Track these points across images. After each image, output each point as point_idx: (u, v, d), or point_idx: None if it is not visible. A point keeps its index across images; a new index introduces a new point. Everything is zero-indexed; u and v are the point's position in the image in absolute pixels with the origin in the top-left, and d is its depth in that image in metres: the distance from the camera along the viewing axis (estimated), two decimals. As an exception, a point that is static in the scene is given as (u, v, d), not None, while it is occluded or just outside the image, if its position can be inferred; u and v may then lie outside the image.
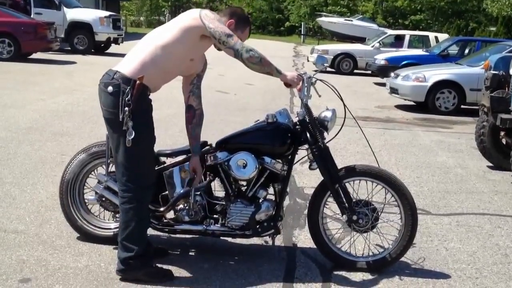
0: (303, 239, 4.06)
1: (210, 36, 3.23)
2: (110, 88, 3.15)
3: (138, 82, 3.12)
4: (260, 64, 3.25)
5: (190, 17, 3.27)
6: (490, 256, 3.98)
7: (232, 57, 3.27)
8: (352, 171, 3.60)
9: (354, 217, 3.52)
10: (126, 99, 3.11)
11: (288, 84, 3.47)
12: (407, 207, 3.54)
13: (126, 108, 3.10)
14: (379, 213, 3.59)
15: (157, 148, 3.68)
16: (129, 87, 3.12)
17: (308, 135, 3.51)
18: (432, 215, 4.81)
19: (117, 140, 3.21)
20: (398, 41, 18.92)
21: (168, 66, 3.30)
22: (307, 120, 3.51)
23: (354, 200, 3.56)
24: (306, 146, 3.57)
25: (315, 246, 3.69)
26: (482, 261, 3.88)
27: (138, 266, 3.25)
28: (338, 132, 3.68)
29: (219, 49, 3.38)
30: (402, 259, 3.74)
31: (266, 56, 3.31)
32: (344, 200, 3.53)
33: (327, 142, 3.56)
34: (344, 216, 3.55)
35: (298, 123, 3.56)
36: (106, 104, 3.20)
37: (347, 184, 3.58)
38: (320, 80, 3.58)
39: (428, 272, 3.63)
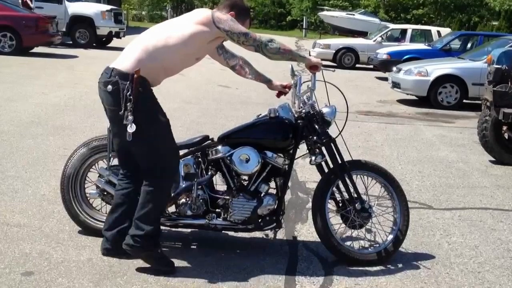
0: (305, 233, 4.07)
1: (228, 38, 3.29)
2: (109, 87, 3.17)
3: (135, 76, 3.12)
4: (280, 53, 3.32)
5: (200, 22, 3.24)
6: (492, 251, 3.98)
7: (254, 52, 3.34)
8: (357, 164, 3.70)
9: (366, 205, 3.60)
10: (128, 94, 3.12)
11: (279, 93, 3.86)
12: (401, 198, 3.67)
13: (128, 104, 3.11)
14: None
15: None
16: (128, 82, 3.12)
17: (316, 126, 3.53)
18: (434, 209, 4.81)
19: (132, 135, 3.18)
20: (400, 36, 18.88)
21: (170, 65, 3.32)
22: (315, 112, 3.54)
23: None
24: (308, 140, 3.58)
25: (317, 240, 3.70)
26: (484, 256, 3.88)
27: (143, 246, 3.27)
28: (343, 128, 3.68)
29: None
30: (404, 252, 3.77)
31: (285, 44, 3.36)
32: (353, 189, 3.59)
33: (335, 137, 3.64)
34: (357, 205, 3.58)
35: (303, 115, 3.57)
36: (109, 103, 3.23)
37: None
38: (325, 69, 3.59)
39: (430, 266, 3.64)
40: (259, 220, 3.55)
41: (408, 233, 3.78)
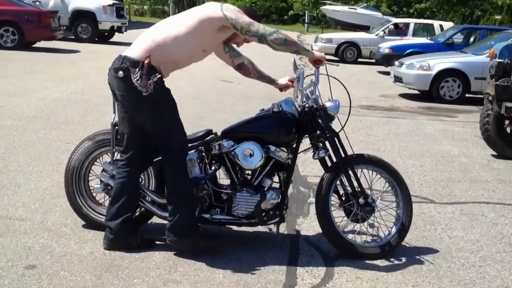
0: (307, 227, 4.07)
1: (232, 28, 3.29)
2: (120, 73, 3.25)
3: (146, 62, 3.20)
4: (286, 44, 3.33)
5: (209, 10, 3.31)
6: (493, 245, 3.98)
7: (258, 43, 3.36)
8: (361, 159, 3.72)
9: (369, 200, 3.61)
10: (136, 79, 3.20)
11: (281, 88, 3.92)
12: (405, 192, 3.69)
13: (138, 87, 3.22)
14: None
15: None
16: (137, 69, 3.20)
17: (319, 120, 3.53)
18: (435, 203, 4.82)
19: (144, 116, 3.34)
20: (402, 30, 18.82)
21: (178, 56, 3.36)
22: (319, 106, 3.55)
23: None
24: (311, 134, 3.59)
25: (318, 234, 3.71)
26: (486, 250, 3.89)
27: (186, 233, 3.41)
28: (346, 123, 3.70)
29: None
30: (405, 246, 3.77)
31: (290, 36, 3.39)
32: (356, 183, 3.60)
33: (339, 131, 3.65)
34: (360, 199, 3.59)
35: (306, 109, 3.57)
36: (120, 88, 3.30)
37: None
38: (328, 63, 3.60)
39: (431, 260, 3.64)
40: (263, 214, 3.56)
41: (410, 227, 3.78)
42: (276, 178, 3.65)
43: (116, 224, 3.45)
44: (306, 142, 3.69)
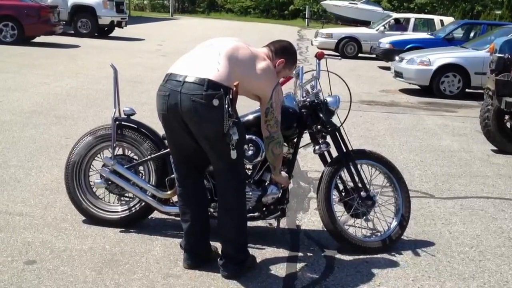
0: (307, 222, 4.08)
1: (263, 106, 3.17)
2: (216, 101, 2.88)
3: (235, 89, 2.95)
4: (274, 159, 3.30)
5: (269, 81, 3.14)
6: (493, 239, 3.99)
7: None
8: (362, 154, 3.74)
9: (371, 193, 3.63)
10: (230, 109, 2.90)
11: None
12: (403, 188, 3.72)
13: (230, 120, 2.91)
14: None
15: (161, 132, 3.68)
16: (228, 96, 2.91)
17: (320, 115, 3.54)
18: (435, 198, 4.82)
19: (222, 150, 3.01)
20: (403, 25, 18.79)
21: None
22: (319, 101, 3.55)
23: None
24: (312, 129, 3.58)
25: (318, 229, 3.71)
26: (485, 244, 3.89)
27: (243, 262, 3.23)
28: (346, 118, 3.71)
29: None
30: (405, 241, 3.78)
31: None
32: (357, 178, 3.60)
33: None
34: (362, 192, 3.60)
35: (307, 104, 3.58)
36: (207, 118, 2.92)
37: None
38: (330, 57, 3.60)
39: (431, 255, 3.64)
40: (264, 209, 3.56)
41: (410, 222, 3.80)
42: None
43: (205, 244, 3.32)
44: (306, 138, 3.69)
